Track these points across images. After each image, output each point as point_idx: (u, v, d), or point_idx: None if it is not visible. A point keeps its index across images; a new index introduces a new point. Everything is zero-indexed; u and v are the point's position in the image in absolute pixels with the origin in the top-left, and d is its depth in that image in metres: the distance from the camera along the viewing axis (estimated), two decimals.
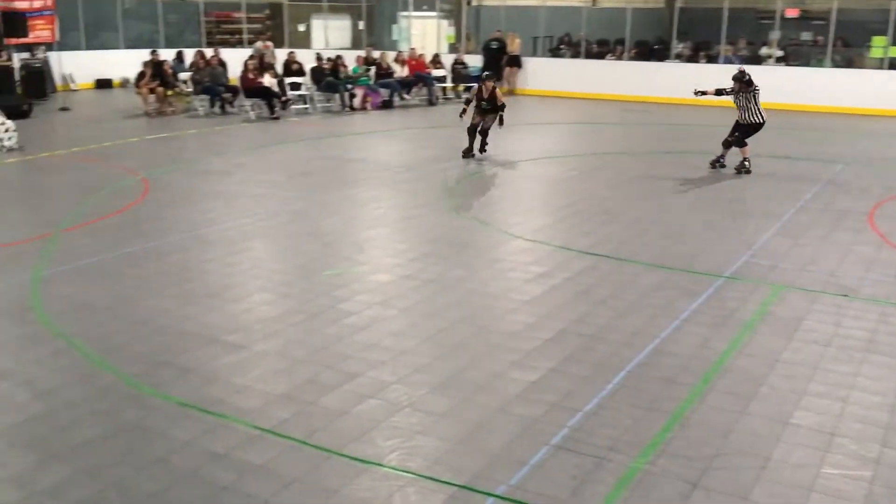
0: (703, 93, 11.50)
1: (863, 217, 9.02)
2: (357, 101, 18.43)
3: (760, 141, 11.88)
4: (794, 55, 20.73)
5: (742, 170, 11.33)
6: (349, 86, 18.45)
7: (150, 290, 6.56)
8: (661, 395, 4.82)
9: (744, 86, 11.12)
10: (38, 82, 19.32)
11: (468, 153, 12.27)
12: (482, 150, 12.42)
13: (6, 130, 12.79)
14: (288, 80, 18.01)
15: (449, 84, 20.90)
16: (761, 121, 11.21)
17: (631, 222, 8.84)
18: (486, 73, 12.57)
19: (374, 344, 5.52)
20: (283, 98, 17.39)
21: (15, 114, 14.46)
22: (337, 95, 18.43)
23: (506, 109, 12.18)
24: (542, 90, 21.64)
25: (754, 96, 11.13)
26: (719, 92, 11.38)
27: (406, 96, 19.64)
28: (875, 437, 4.35)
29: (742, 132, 11.28)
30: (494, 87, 11.90)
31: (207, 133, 15.14)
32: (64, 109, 17.61)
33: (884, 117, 17.55)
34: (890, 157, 13.00)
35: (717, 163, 11.66)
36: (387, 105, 18.97)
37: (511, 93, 22.04)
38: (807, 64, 20.13)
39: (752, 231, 8.44)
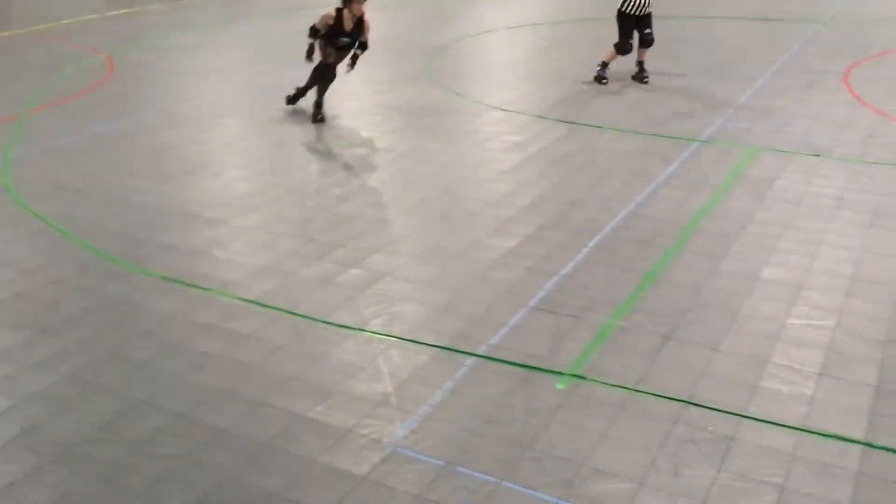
0: None
1: (838, 78, 9.00)
2: None
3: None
4: None
5: (642, 78, 8.98)
6: None
7: (123, 170, 6.51)
8: (635, 257, 4.93)
9: None
10: None
11: (296, 98, 8.03)
12: (317, 113, 7.70)
13: None
14: None
15: None
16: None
17: (608, 89, 8.76)
18: None
19: (353, 216, 5.56)
20: None
21: None
22: None
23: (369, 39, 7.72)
24: None
25: None
26: None
27: None
28: (840, 289, 4.51)
29: (647, 24, 8.66)
30: (362, 15, 7.48)
31: (171, 8, 14.59)
32: None
33: None
34: (868, 16, 12.82)
35: (602, 77, 8.95)
36: None
37: None
38: None
39: (728, 94, 8.41)
